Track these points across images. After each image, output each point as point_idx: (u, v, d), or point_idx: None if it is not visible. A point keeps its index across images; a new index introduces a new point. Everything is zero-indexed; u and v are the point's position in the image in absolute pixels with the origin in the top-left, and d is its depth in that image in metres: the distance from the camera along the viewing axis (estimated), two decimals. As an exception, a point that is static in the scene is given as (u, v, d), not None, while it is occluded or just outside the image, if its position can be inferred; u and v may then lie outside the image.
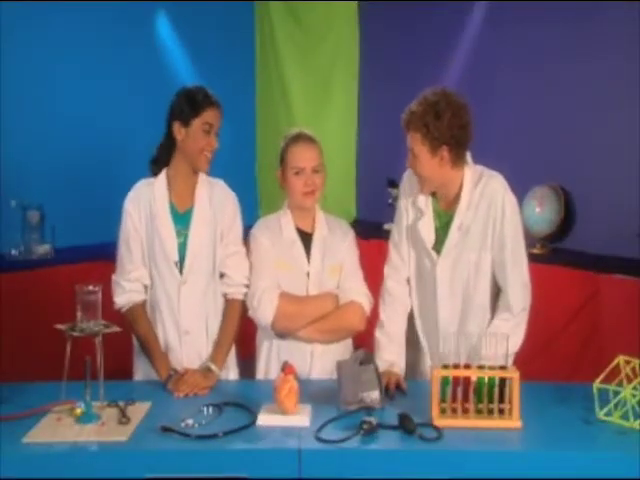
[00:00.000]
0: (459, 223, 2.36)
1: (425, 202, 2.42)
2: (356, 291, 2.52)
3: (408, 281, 2.50)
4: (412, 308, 2.51)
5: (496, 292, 2.41)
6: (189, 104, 2.40)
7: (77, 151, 4.27)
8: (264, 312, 2.44)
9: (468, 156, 2.37)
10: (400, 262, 2.49)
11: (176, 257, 2.43)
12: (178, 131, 2.41)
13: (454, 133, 2.26)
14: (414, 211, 2.45)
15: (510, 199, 2.35)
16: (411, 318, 2.52)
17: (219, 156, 2.51)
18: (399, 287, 2.49)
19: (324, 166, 2.53)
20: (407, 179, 2.49)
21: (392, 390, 2.23)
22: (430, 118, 2.25)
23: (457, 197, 2.36)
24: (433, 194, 2.42)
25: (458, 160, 2.32)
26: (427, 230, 2.41)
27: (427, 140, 2.26)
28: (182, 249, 2.44)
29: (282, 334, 2.50)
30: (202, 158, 2.42)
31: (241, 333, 2.53)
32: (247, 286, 2.50)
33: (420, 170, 2.32)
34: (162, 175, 2.49)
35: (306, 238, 2.54)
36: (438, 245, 2.40)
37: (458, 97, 2.30)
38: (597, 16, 3.61)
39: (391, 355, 2.40)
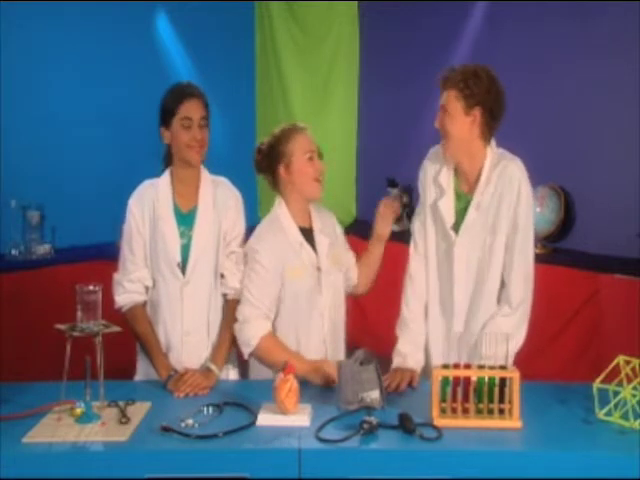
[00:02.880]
0: (477, 201, 2.37)
1: (447, 180, 2.43)
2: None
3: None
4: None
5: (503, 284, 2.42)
6: (165, 104, 2.41)
7: (77, 151, 4.28)
8: (243, 343, 2.42)
9: (492, 140, 2.41)
10: (422, 246, 2.49)
11: (179, 258, 2.43)
12: (165, 135, 2.43)
13: (489, 97, 2.33)
14: (435, 189, 2.46)
15: (526, 186, 2.37)
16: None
17: (219, 156, 2.51)
18: (420, 273, 2.49)
19: None
20: (431, 157, 2.50)
21: (403, 389, 2.24)
22: (470, 76, 2.31)
23: (477, 178, 2.39)
24: (455, 172, 2.42)
25: (487, 131, 2.37)
26: (447, 209, 2.42)
27: (463, 97, 2.31)
28: (185, 250, 2.43)
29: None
30: (190, 152, 2.41)
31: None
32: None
33: (450, 127, 2.33)
34: (166, 175, 2.48)
35: (307, 233, 2.54)
36: (456, 226, 2.42)
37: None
38: (597, 16, 3.61)
39: (404, 346, 2.41)
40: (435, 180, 2.46)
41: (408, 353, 2.39)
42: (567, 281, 3.47)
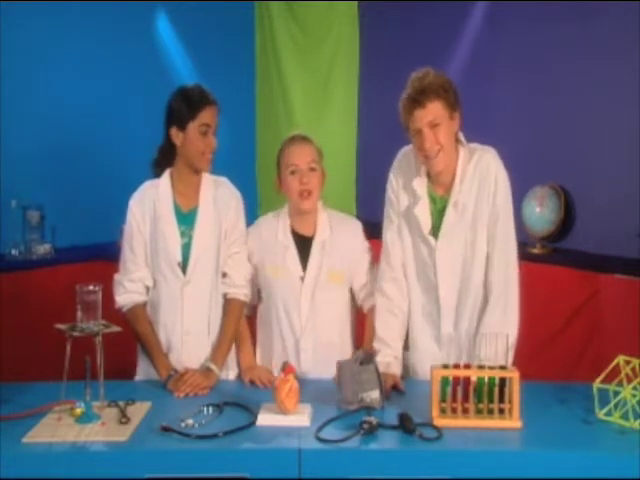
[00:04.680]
0: (455, 200, 2.36)
1: (421, 185, 2.40)
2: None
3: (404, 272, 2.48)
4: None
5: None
6: (184, 106, 2.39)
7: (77, 151, 4.27)
8: None
9: (461, 136, 2.40)
10: (397, 259, 2.46)
11: (179, 258, 2.43)
12: (176, 136, 2.41)
13: (457, 94, 2.33)
14: (408, 196, 2.43)
15: (503, 173, 2.36)
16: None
17: (219, 156, 2.51)
18: (395, 286, 2.46)
19: (322, 168, 2.52)
20: (399, 164, 2.48)
21: (388, 391, 2.23)
22: (446, 82, 2.31)
23: (453, 177, 2.37)
24: (428, 176, 2.41)
25: (458, 132, 2.37)
26: (424, 215, 2.40)
27: (447, 104, 2.29)
28: (186, 250, 2.44)
29: None
30: (203, 160, 2.42)
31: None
32: (247, 287, 2.51)
33: (444, 139, 2.30)
34: (166, 176, 2.49)
35: (305, 242, 2.53)
36: (434, 230, 2.40)
37: None
38: (597, 16, 3.61)
39: (386, 357, 2.39)
40: (407, 187, 2.43)
41: (390, 362, 2.38)
42: (567, 281, 3.47)
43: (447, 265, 2.39)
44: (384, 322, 2.45)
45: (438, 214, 2.40)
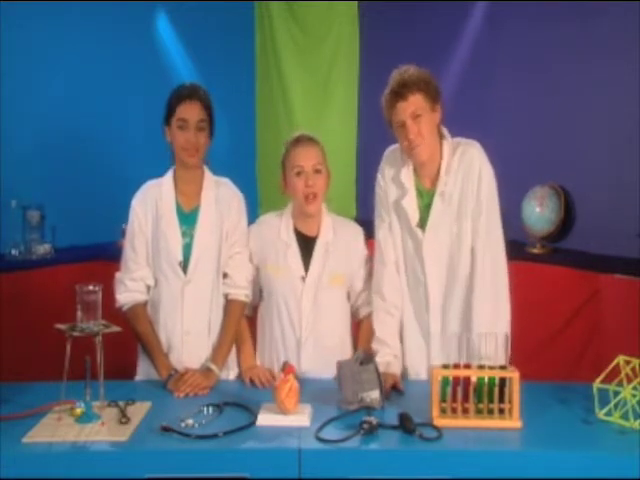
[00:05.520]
0: (441, 191, 2.38)
1: (408, 178, 2.43)
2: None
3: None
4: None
5: None
6: (167, 103, 2.44)
7: (77, 151, 4.27)
8: None
9: (444, 130, 2.42)
10: (390, 256, 2.47)
11: (180, 257, 2.44)
12: (167, 132, 2.45)
13: (438, 88, 2.38)
14: (396, 188, 2.46)
15: (487, 167, 2.39)
16: None
17: (219, 156, 2.51)
18: (389, 284, 2.46)
19: (327, 170, 2.53)
20: (386, 159, 2.52)
21: (388, 391, 2.23)
22: (427, 76, 2.35)
23: (438, 170, 2.40)
24: (414, 170, 2.43)
25: (440, 124, 2.40)
26: (411, 207, 2.42)
27: (428, 96, 2.33)
28: (187, 249, 2.44)
29: None
30: (184, 154, 2.43)
31: (241, 333, 2.53)
32: (248, 287, 2.51)
33: (425, 130, 2.33)
34: (169, 175, 2.50)
35: (308, 242, 2.53)
36: (422, 223, 2.42)
37: None
38: (597, 16, 3.61)
39: (386, 357, 2.39)
40: (395, 179, 2.46)
41: (390, 361, 2.39)
42: (567, 281, 3.47)
43: (434, 258, 2.40)
44: (381, 322, 2.46)
45: (425, 208, 2.42)
